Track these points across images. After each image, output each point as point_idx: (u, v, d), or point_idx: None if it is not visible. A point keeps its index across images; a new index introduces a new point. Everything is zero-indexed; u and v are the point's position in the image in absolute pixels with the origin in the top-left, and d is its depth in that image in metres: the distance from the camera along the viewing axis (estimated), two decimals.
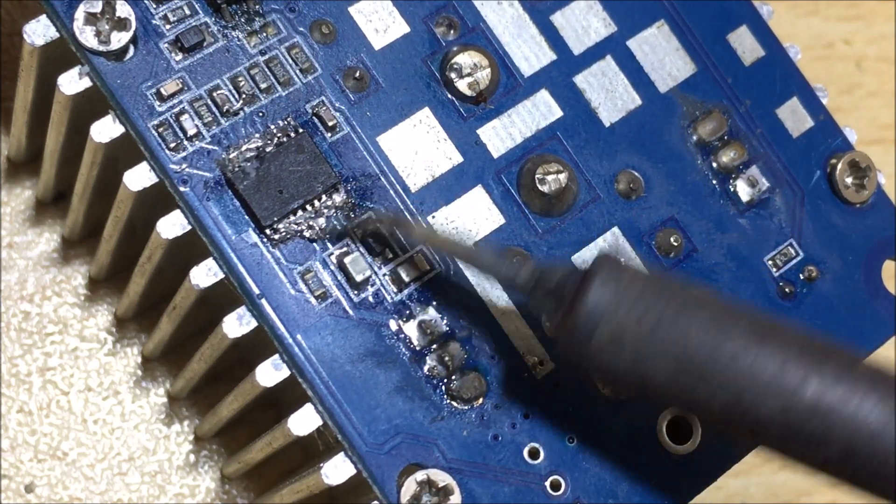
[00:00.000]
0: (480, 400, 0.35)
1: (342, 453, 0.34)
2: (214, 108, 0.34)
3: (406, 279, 0.35)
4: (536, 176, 0.36)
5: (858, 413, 0.30)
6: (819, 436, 0.30)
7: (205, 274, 0.34)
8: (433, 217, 0.35)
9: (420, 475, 0.33)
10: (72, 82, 0.34)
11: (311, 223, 0.34)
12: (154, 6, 0.34)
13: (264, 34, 0.35)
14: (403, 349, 0.34)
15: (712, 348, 0.31)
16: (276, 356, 0.34)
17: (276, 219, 0.34)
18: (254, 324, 0.34)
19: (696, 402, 0.31)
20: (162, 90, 0.34)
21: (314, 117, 0.35)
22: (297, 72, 0.35)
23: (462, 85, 0.36)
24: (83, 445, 0.42)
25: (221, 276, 0.34)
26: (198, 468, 0.43)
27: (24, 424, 0.42)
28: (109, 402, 0.43)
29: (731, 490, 0.46)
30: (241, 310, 0.34)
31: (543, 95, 0.37)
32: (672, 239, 0.37)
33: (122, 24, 0.34)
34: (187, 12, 0.35)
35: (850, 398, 0.30)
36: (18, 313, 0.43)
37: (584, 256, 0.36)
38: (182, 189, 0.34)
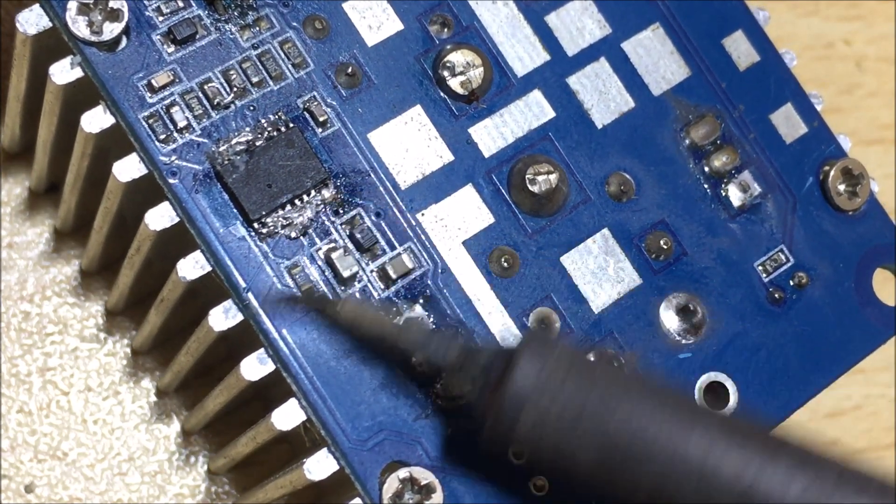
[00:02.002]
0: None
1: (325, 449, 0.34)
2: (205, 101, 0.34)
3: (393, 276, 0.34)
4: (527, 176, 0.36)
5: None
6: None
7: (192, 266, 0.34)
8: (422, 215, 0.35)
9: (403, 473, 0.33)
10: (63, 72, 0.34)
11: (297, 221, 0.34)
12: None
13: (257, 28, 0.35)
14: None
15: (632, 442, 0.30)
16: (262, 350, 0.34)
17: (264, 213, 0.34)
18: (240, 317, 0.34)
19: (619, 495, 0.31)
20: (153, 82, 0.34)
21: (305, 112, 0.35)
22: (290, 67, 0.35)
23: (454, 83, 0.36)
24: (83, 445, 0.42)
25: (209, 268, 0.34)
26: (198, 468, 0.43)
27: (24, 424, 0.42)
28: (109, 402, 0.43)
29: None
30: (228, 303, 0.34)
31: (536, 96, 0.37)
32: (662, 242, 0.37)
33: (114, 15, 0.34)
34: (180, 4, 0.35)
35: (771, 489, 0.30)
36: (18, 313, 0.43)
37: (573, 258, 0.36)
38: (171, 181, 0.34)
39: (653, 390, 0.31)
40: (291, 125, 0.35)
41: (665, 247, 0.37)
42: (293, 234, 0.34)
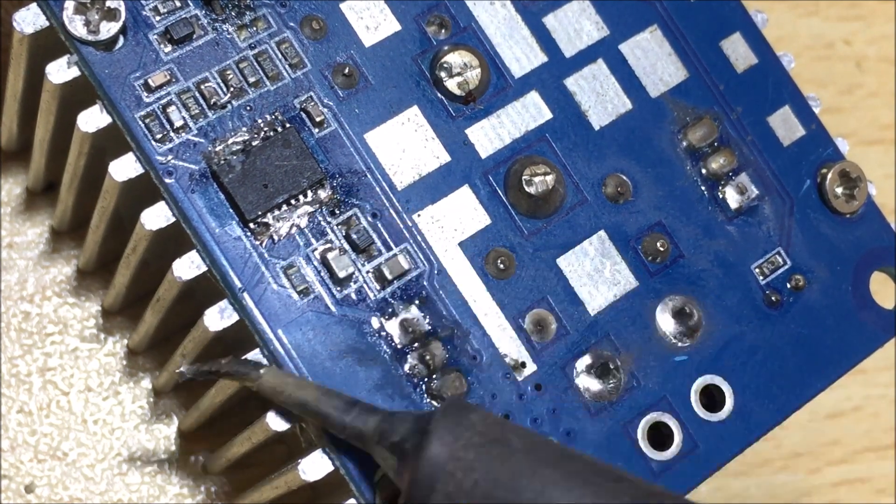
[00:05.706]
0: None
1: (320, 450, 0.33)
2: (202, 101, 0.34)
3: (389, 277, 0.34)
4: (523, 177, 0.36)
5: None
6: None
7: (188, 266, 0.34)
8: (418, 216, 0.35)
9: None
10: (60, 71, 0.34)
11: (294, 222, 0.34)
12: None
13: (254, 28, 0.35)
14: (385, 347, 0.34)
15: None
16: (257, 351, 0.34)
17: (260, 213, 0.34)
18: (235, 317, 0.34)
19: None
20: (150, 81, 0.34)
21: (302, 112, 0.35)
22: (287, 67, 0.35)
23: (451, 84, 0.36)
24: (83, 445, 0.42)
25: (204, 268, 0.34)
26: (198, 468, 0.43)
27: (24, 424, 0.42)
28: (109, 402, 0.43)
29: (731, 491, 0.46)
30: (223, 303, 0.34)
31: (533, 97, 0.37)
32: (659, 244, 0.37)
33: (111, 15, 0.34)
34: (177, 4, 0.35)
35: None
36: (18, 313, 0.43)
37: (570, 260, 0.36)
38: (167, 181, 0.34)
39: (567, 464, 0.31)
40: (288, 125, 0.35)
41: (662, 249, 0.37)
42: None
